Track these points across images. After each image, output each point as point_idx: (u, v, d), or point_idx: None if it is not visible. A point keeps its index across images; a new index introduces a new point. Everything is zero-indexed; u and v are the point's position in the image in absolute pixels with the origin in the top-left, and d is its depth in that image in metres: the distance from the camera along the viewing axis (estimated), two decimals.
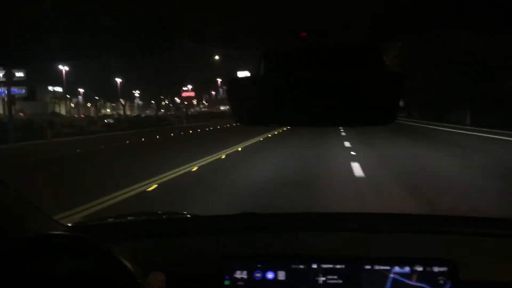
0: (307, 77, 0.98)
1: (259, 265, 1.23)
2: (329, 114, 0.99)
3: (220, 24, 0.89)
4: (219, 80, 79.61)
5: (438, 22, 0.88)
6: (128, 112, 64.31)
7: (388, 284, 1.17)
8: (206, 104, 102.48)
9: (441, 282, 1.15)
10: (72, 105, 58.64)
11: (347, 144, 13.56)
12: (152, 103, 78.35)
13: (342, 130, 18.08)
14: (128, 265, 1.04)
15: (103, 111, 66.81)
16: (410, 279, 1.17)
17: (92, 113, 57.60)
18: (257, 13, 0.82)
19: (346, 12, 0.82)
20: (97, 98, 56.80)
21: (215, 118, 54.83)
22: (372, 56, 0.97)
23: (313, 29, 0.91)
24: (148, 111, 75.99)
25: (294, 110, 0.99)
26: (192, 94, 74.08)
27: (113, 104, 69.17)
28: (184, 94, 72.48)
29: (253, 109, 1.01)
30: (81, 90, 54.38)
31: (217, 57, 60.20)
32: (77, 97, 56.69)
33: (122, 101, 58.32)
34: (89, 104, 61.79)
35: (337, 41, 0.98)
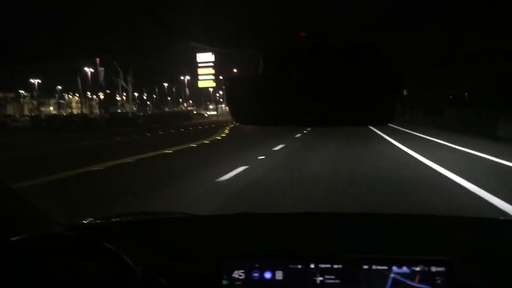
0: (306, 77, 0.98)
1: (257, 265, 1.23)
2: (327, 114, 1.00)
3: (220, 24, 0.89)
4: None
5: (439, 20, 0.88)
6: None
7: (386, 284, 1.17)
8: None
9: (439, 282, 1.15)
10: None
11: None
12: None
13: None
14: (130, 263, 1.05)
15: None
16: (408, 279, 1.17)
17: None
18: (257, 13, 0.83)
19: (346, 12, 0.83)
20: None
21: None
22: (371, 55, 0.98)
23: (312, 29, 0.92)
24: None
25: (292, 110, 1.00)
26: None
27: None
28: None
29: (251, 109, 1.02)
30: None
31: None
32: None
33: None
34: None
35: (337, 40, 1.00)
